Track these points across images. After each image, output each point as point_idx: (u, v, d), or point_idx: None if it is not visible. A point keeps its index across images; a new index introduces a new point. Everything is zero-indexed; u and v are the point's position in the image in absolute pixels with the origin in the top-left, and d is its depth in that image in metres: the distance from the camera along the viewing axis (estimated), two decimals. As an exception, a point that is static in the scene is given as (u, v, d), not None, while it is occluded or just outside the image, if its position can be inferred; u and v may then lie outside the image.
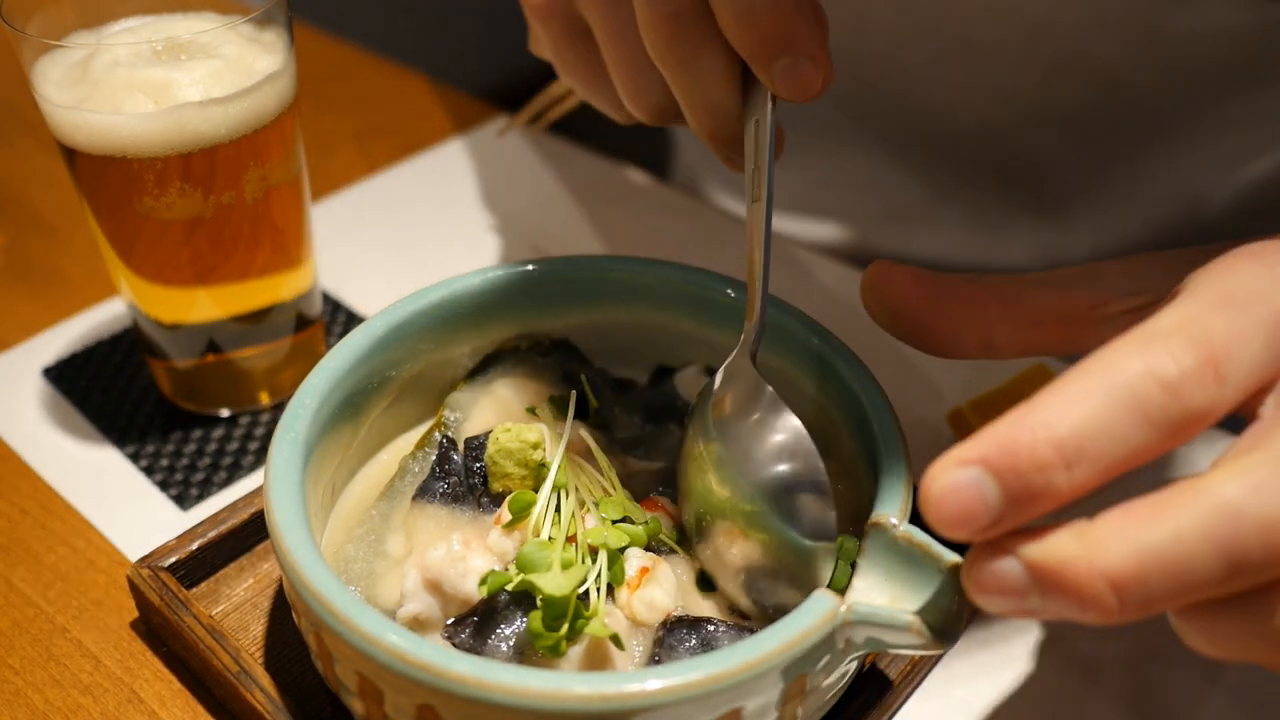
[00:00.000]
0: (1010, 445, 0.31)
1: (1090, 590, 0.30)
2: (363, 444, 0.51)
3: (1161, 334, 0.32)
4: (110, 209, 0.55)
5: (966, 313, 0.41)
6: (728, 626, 0.42)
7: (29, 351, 0.67)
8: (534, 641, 0.40)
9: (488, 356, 0.54)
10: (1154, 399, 0.31)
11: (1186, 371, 0.31)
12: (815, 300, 0.54)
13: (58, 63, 0.53)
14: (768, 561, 0.42)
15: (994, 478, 0.31)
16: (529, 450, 0.46)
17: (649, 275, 0.53)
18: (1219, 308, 0.33)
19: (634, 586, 0.42)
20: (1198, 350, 0.32)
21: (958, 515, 0.31)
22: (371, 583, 0.45)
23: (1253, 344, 0.33)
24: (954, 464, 0.31)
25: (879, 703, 0.46)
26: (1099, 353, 0.32)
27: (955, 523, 0.31)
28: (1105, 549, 0.30)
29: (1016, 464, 0.31)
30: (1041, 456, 0.31)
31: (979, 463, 0.31)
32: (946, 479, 0.31)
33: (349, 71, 0.98)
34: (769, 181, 0.43)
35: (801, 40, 0.40)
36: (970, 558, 0.32)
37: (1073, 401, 0.31)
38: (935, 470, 0.32)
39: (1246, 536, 0.30)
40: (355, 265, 0.74)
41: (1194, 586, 0.30)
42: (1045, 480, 0.31)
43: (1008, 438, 0.31)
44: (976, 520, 0.31)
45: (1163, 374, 0.31)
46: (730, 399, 0.45)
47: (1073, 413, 0.31)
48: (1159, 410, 0.31)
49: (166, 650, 0.50)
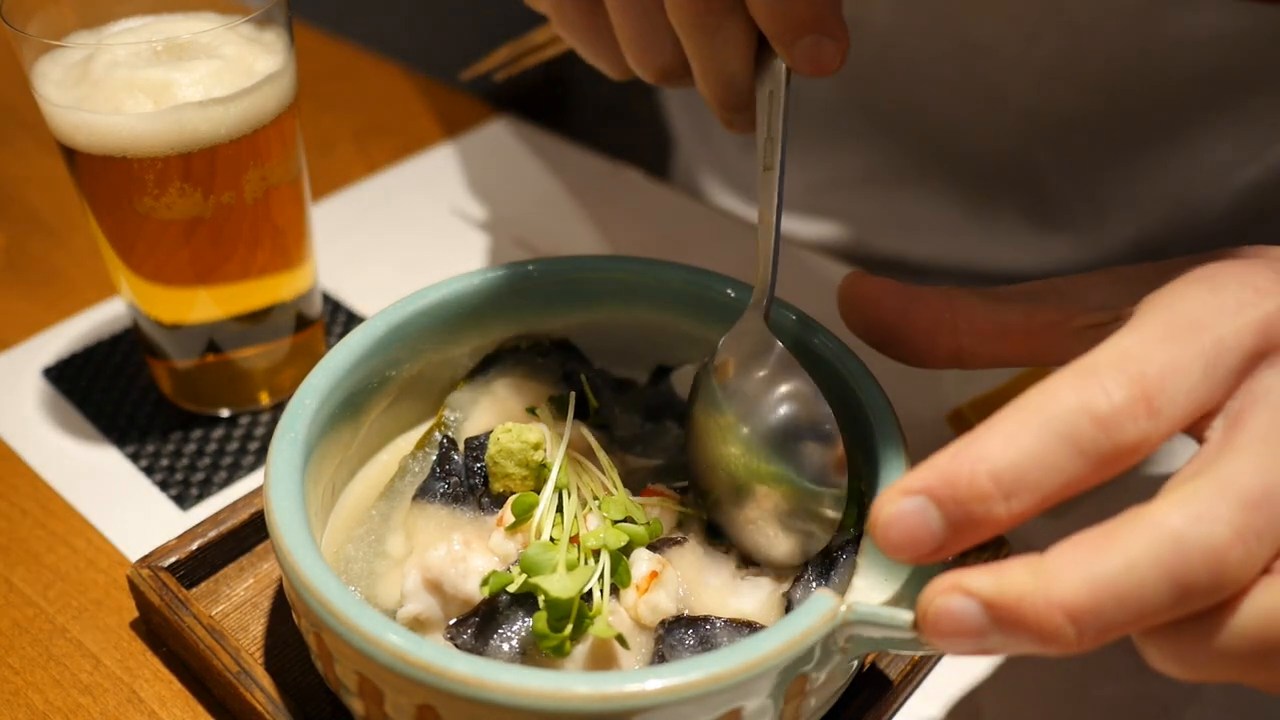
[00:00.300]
0: (951, 476, 0.32)
1: (1049, 623, 0.31)
2: (363, 444, 0.51)
3: (1099, 368, 0.34)
4: (110, 209, 0.55)
5: (936, 323, 0.43)
6: (726, 624, 0.42)
7: (29, 351, 0.67)
8: (539, 643, 0.40)
9: (487, 356, 0.54)
10: (1086, 433, 0.32)
11: (1118, 407, 0.33)
12: (815, 300, 0.54)
13: (58, 63, 0.53)
14: (783, 511, 0.43)
15: (936, 506, 0.33)
16: (530, 450, 0.46)
17: (649, 275, 0.53)
18: (1160, 340, 0.34)
19: (642, 590, 0.42)
20: (1131, 386, 0.33)
21: (904, 540, 0.33)
22: (372, 583, 0.45)
23: (1191, 374, 0.34)
24: (899, 493, 0.33)
25: (879, 703, 0.46)
26: (1040, 385, 0.34)
27: (902, 547, 0.33)
28: (1059, 581, 0.31)
29: (957, 494, 0.32)
30: (980, 488, 0.32)
31: (923, 492, 0.33)
32: (893, 507, 0.33)
33: (349, 71, 0.98)
34: (782, 150, 0.44)
35: (825, 20, 0.41)
36: (924, 604, 0.33)
37: (1011, 435, 0.33)
38: (882, 499, 0.33)
39: (1193, 563, 0.31)
40: (355, 265, 0.74)
41: (1147, 613, 0.31)
42: (985, 510, 0.32)
43: (949, 470, 0.33)
44: (922, 545, 0.33)
45: (1095, 410, 0.33)
46: (740, 357, 0.45)
47: (1010, 446, 0.32)
48: (1091, 444, 0.33)
49: (166, 650, 0.50)
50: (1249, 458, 0.33)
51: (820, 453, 0.42)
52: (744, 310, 0.46)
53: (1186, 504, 0.32)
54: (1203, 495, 0.32)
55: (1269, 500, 0.32)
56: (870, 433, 0.44)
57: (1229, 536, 0.31)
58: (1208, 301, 0.36)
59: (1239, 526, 0.31)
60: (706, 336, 0.53)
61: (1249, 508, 0.31)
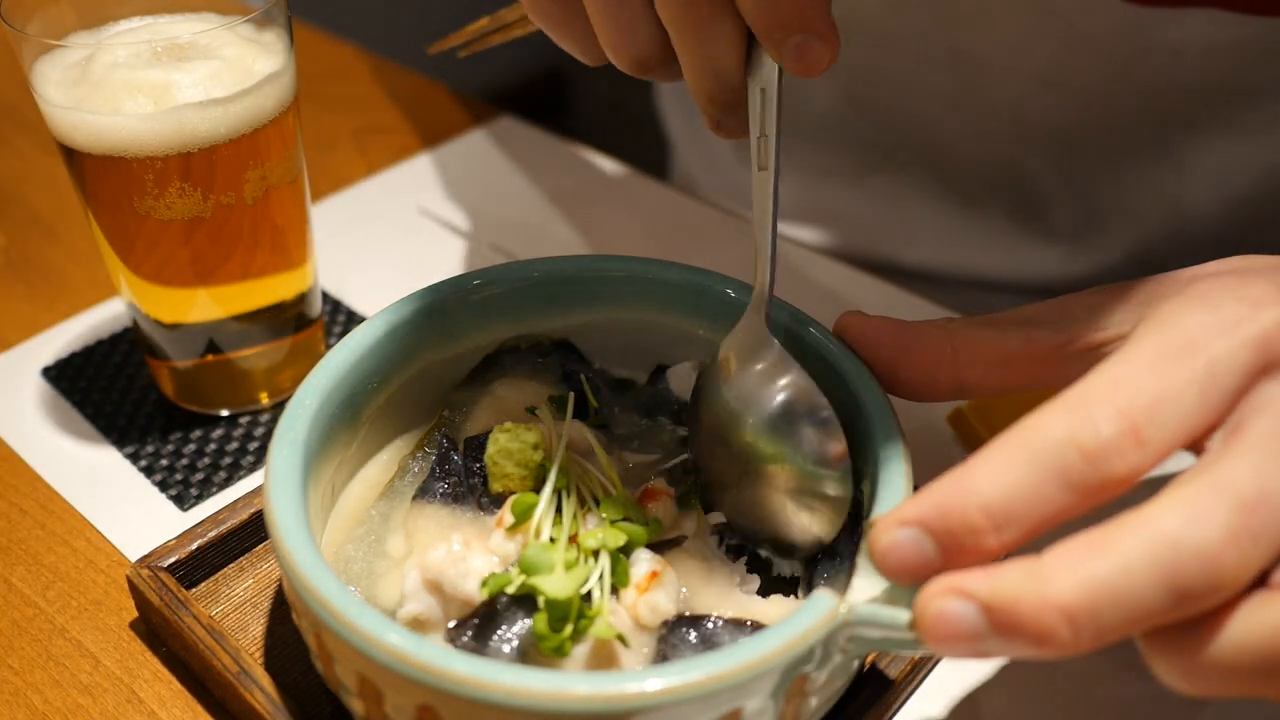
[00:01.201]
0: (944, 509, 0.34)
1: (1046, 624, 0.31)
2: (362, 444, 0.51)
3: (1089, 399, 0.34)
4: (110, 209, 0.55)
5: (937, 358, 0.44)
6: (727, 623, 0.42)
7: (29, 351, 0.67)
8: (539, 643, 0.40)
9: (488, 357, 0.54)
10: (1075, 467, 0.33)
11: (1106, 441, 0.33)
12: (815, 300, 0.54)
13: (57, 63, 0.53)
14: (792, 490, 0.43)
15: (930, 537, 0.34)
16: (529, 450, 0.46)
17: (648, 275, 0.53)
18: (1151, 365, 0.35)
19: (642, 590, 0.42)
20: (1120, 420, 0.33)
21: (900, 567, 0.34)
22: (371, 583, 0.45)
23: (1183, 400, 0.34)
24: (895, 523, 0.34)
25: (879, 703, 0.46)
26: (1031, 416, 0.34)
27: (899, 573, 0.35)
28: (1055, 583, 0.31)
29: (949, 526, 0.33)
30: (972, 520, 0.33)
31: (917, 523, 0.34)
32: (889, 536, 0.34)
33: (349, 71, 0.98)
34: (775, 149, 0.44)
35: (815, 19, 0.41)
36: (920, 606, 0.34)
37: (1001, 468, 0.33)
38: (880, 528, 0.35)
39: (1187, 564, 0.31)
40: (355, 265, 0.74)
41: (1143, 615, 0.31)
42: (976, 541, 0.33)
43: (942, 502, 0.34)
44: (918, 571, 0.34)
45: (1083, 443, 0.33)
46: (741, 356, 0.46)
47: (1001, 479, 0.33)
48: (1079, 476, 0.33)
49: (166, 650, 0.50)
50: (1247, 461, 0.33)
51: (820, 438, 0.43)
52: (744, 310, 0.46)
53: (1182, 506, 0.32)
54: (1199, 498, 0.32)
55: (1265, 503, 0.32)
56: (870, 433, 0.44)
57: (1224, 538, 0.31)
58: (1203, 321, 0.36)
59: (1234, 528, 0.31)
60: (706, 336, 0.53)
61: (1245, 510, 0.31)
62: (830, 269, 0.74)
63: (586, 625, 0.41)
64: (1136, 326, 0.38)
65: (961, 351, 0.43)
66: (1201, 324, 0.36)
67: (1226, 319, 0.36)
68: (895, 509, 0.35)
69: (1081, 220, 0.79)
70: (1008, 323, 0.43)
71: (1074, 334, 0.42)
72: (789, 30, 0.41)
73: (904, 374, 0.44)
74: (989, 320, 0.44)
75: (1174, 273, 0.41)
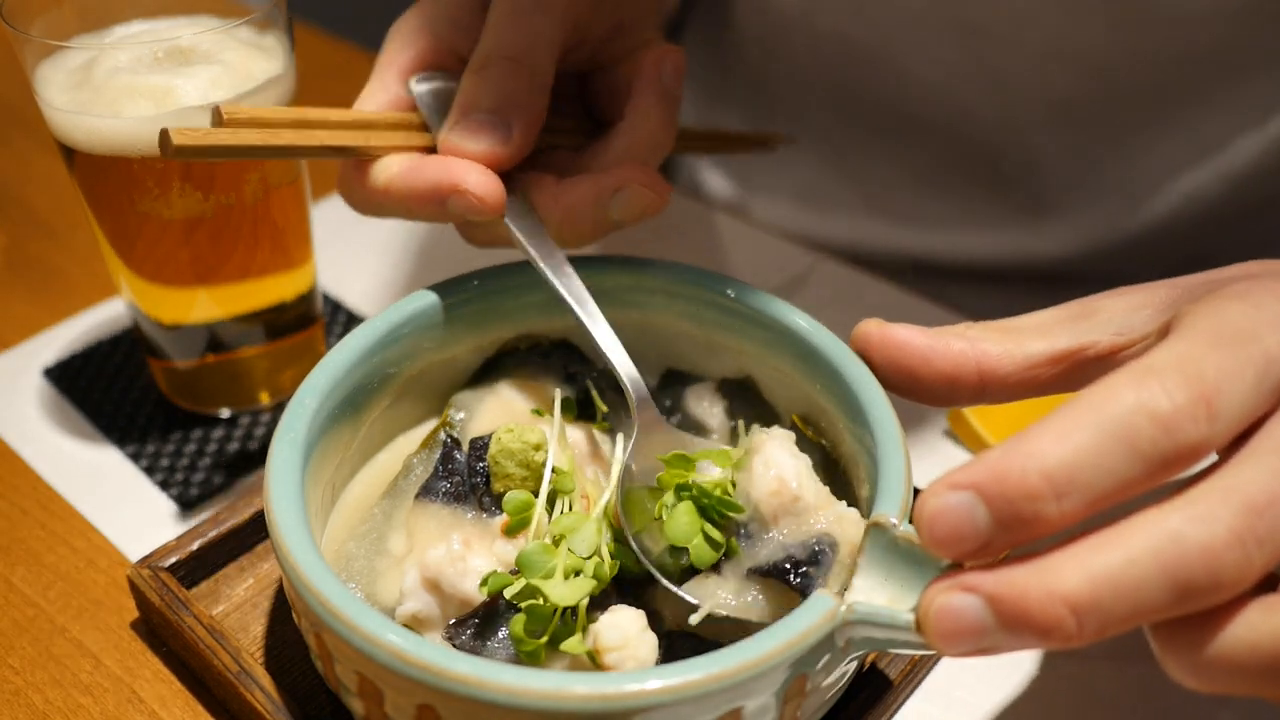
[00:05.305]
0: (1002, 473, 0.32)
1: (1051, 615, 0.31)
2: (363, 444, 0.51)
3: (1156, 369, 0.33)
4: (110, 209, 0.55)
5: (959, 366, 0.43)
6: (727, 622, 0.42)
7: (29, 351, 0.67)
8: (515, 646, 0.40)
9: (491, 358, 0.54)
10: (1145, 433, 0.32)
11: (1180, 407, 0.32)
12: (815, 300, 0.54)
13: (59, 66, 0.53)
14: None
15: (984, 503, 0.32)
16: (531, 451, 0.46)
17: (649, 275, 0.53)
18: (1213, 346, 0.34)
19: (601, 655, 0.40)
20: (1191, 387, 0.33)
21: (948, 535, 0.33)
22: (372, 580, 0.45)
23: (1245, 380, 0.34)
24: (947, 487, 0.33)
25: (879, 703, 0.46)
26: (1096, 385, 0.33)
27: (946, 542, 0.33)
28: (1060, 575, 0.31)
29: (1006, 491, 0.32)
30: (1032, 486, 0.32)
31: (971, 488, 0.32)
32: (939, 501, 0.33)
33: (349, 71, 0.98)
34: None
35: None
36: (926, 603, 0.33)
37: (1065, 433, 0.32)
38: (929, 492, 0.33)
39: (1190, 561, 0.31)
40: (355, 265, 0.74)
41: (1145, 608, 0.31)
42: (1034, 509, 0.32)
43: (1000, 465, 0.32)
44: (965, 542, 0.32)
45: (1156, 409, 0.32)
46: (644, 448, 0.47)
47: (1064, 444, 0.32)
48: (1150, 444, 0.32)
49: (166, 650, 0.50)
50: (1258, 466, 0.33)
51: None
52: (744, 310, 0.46)
53: (1189, 506, 0.32)
54: (1206, 498, 0.32)
55: (1272, 507, 0.32)
56: (871, 433, 0.44)
57: (1227, 538, 0.31)
58: (1251, 315, 0.36)
59: (1238, 529, 0.31)
60: (706, 336, 0.53)
61: (1251, 512, 0.31)
62: (831, 269, 0.74)
63: (565, 633, 0.41)
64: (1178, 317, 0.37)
65: (983, 358, 0.43)
66: (1250, 317, 0.35)
67: (1271, 316, 0.35)
68: (948, 473, 0.33)
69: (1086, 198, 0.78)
70: (1027, 328, 0.43)
71: (1095, 338, 0.41)
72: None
73: (926, 382, 0.44)
74: (1008, 326, 0.44)
75: (1191, 276, 0.41)
